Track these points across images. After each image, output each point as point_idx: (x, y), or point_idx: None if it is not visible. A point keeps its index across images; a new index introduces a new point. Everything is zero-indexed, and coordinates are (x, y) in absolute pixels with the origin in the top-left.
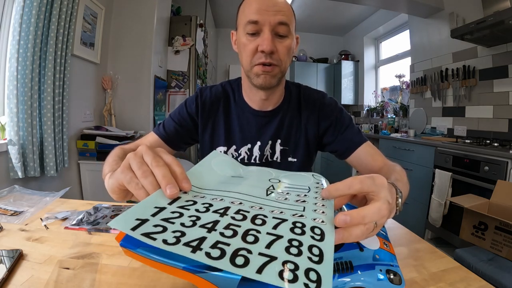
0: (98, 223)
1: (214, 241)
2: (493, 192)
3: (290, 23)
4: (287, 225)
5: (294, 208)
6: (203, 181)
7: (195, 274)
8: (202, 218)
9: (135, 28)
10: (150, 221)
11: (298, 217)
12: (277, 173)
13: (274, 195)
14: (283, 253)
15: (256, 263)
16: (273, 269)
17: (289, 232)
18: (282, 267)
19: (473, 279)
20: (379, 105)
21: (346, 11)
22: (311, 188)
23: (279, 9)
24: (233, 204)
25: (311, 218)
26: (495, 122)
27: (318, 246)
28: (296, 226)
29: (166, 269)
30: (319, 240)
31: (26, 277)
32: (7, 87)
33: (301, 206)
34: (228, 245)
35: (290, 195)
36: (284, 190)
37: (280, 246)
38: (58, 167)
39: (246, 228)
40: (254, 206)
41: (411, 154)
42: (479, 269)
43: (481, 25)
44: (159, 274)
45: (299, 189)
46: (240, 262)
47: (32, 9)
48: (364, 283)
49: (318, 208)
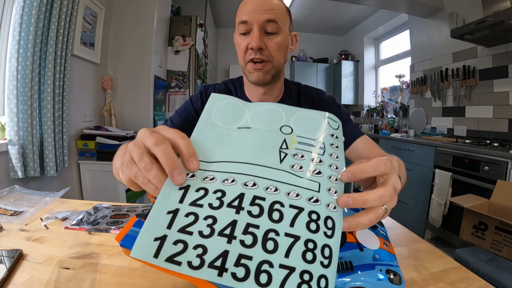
0: (98, 223)
1: (237, 255)
2: (493, 192)
3: (279, 20)
4: (303, 219)
5: (310, 187)
6: (208, 149)
7: None
8: (218, 220)
9: (135, 28)
10: (169, 237)
11: (313, 203)
12: (287, 113)
13: (288, 160)
14: (301, 261)
15: (278, 279)
16: (293, 284)
17: (305, 229)
18: (299, 279)
19: (473, 279)
20: (379, 105)
21: (346, 11)
22: (326, 145)
23: (268, 8)
24: (247, 188)
25: (325, 204)
26: (495, 122)
27: (329, 246)
28: (311, 219)
29: (166, 269)
30: (330, 237)
31: (26, 277)
32: (7, 87)
33: (317, 184)
34: (251, 258)
35: (305, 160)
36: (298, 152)
37: (297, 251)
38: (58, 167)
39: (265, 229)
40: (270, 187)
41: (411, 154)
42: (479, 269)
43: (481, 25)
44: (159, 274)
45: (314, 147)
46: (264, 280)
47: (32, 9)
48: (364, 283)
49: (332, 185)
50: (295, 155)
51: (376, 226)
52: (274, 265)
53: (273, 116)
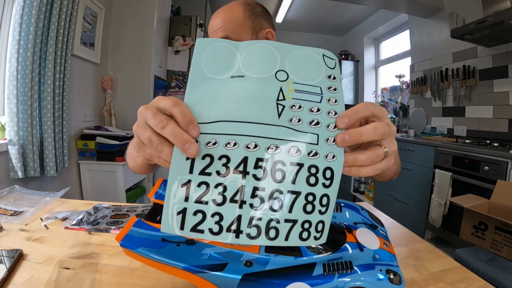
0: (98, 223)
1: (249, 218)
2: (493, 192)
3: (232, 34)
4: (303, 175)
5: (309, 140)
6: (204, 108)
7: (195, 274)
8: (228, 187)
9: (135, 28)
10: (188, 209)
11: (312, 157)
12: (281, 54)
13: (286, 113)
14: (301, 213)
15: (284, 232)
16: (296, 234)
17: (305, 185)
18: (301, 229)
19: (473, 279)
20: (379, 105)
21: (346, 11)
22: (323, 90)
23: (218, 27)
24: (249, 151)
25: (324, 155)
26: (495, 122)
27: (327, 195)
28: (311, 173)
29: (166, 269)
30: (328, 186)
31: (26, 277)
32: (7, 87)
33: (315, 135)
34: (260, 219)
35: (302, 110)
36: (295, 102)
37: (299, 206)
38: (58, 167)
39: (270, 190)
40: (271, 147)
41: (411, 154)
42: (479, 269)
43: (481, 25)
44: (159, 274)
45: (310, 94)
46: (273, 235)
47: (32, 9)
48: (364, 283)
49: (330, 134)
50: (292, 106)
51: (376, 226)
52: (280, 221)
53: (266, 59)
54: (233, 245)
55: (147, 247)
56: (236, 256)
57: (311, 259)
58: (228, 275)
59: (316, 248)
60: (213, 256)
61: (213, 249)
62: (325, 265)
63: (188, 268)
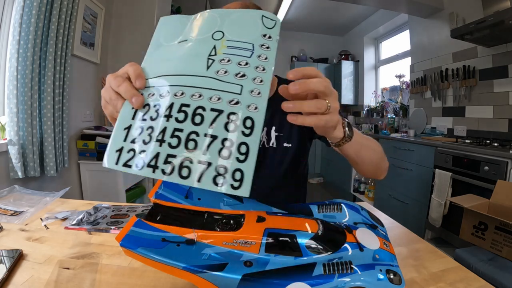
0: (98, 223)
1: (165, 155)
2: (493, 192)
3: None
4: (222, 120)
5: (232, 90)
6: (153, 68)
7: (195, 274)
8: (154, 129)
9: (135, 28)
10: (124, 148)
11: (234, 105)
12: (222, 17)
13: (214, 66)
14: (217, 157)
15: (196, 173)
16: (209, 176)
17: (223, 130)
18: (215, 173)
19: (473, 279)
20: (379, 105)
21: (346, 11)
22: (256, 47)
23: None
24: (176, 98)
25: (246, 105)
26: (495, 122)
27: (246, 143)
28: (230, 120)
29: (166, 269)
30: (248, 135)
31: (26, 277)
32: (7, 87)
33: (239, 86)
34: (175, 156)
35: (231, 64)
36: (225, 56)
37: (214, 149)
38: (58, 167)
39: (188, 131)
40: (195, 95)
41: (411, 154)
42: (479, 269)
43: (481, 25)
44: (159, 274)
45: (242, 50)
46: (185, 174)
47: (32, 9)
48: (364, 283)
49: (255, 87)
50: (222, 60)
51: (376, 226)
52: (193, 161)
53: (208, 24)
54: (233, 245)
55: (147, 247)
56: (236, 256)
57: (311, 259)
58: (228, 275)
59: (316, 248)
60: (213, 256)
61: (213, 249)
62: (325, 265)
63: (188, 268)
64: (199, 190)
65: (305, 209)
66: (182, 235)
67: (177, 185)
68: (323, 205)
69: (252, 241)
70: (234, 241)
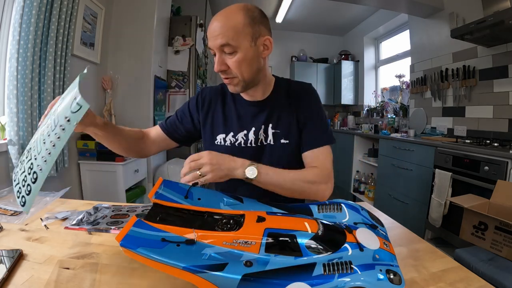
0: (98, 223)
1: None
2: (493, 192)
3: (232, 40)
4: (28, 165)
5: (39, 146)
6: None
7: (195, 274)
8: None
9: (135, 28)
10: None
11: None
12: (70, 94)
13: (43, 128)
14: (21, 183)
15: (21, 192)
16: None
17: (26, 173)
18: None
19: (473, 279)
20: (379, 105)
21: (346, 11)
22: (57, 124)
23: (218, 33)
24: (29, 152)
25: (39, 159)
26: (495, 122)
27: (30, 186)
28: (31, 168)
29: (166, 269)
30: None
31: (26, 277)
32: (7, 87)
33: (40, 146)
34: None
35: (46, 129)
36: (48, 124)
37: (22, 178)
38: (58, 167)
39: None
40: (32, 148)
41: (411, 154)
42: (479, 269)
43: (481, 25)
44: (159, 274)
45: (51, 123)
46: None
47: (32, 9)
48: (364, 283)
49: (44, 154)
50: (47, 126)
51: (376, 226)
52: (21, 187)
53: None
54: (233, 245)
55: (147, 247)
56: (236, 256)
57: (311, 259)
58: (228, 275)
59: (316, 248)
60: (213, 256)
61: (213, 249)
62: (325, 265)
63: (188, 268)
64: (199, 190)
65: (305, 209)
66: (182, 235)
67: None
68: (323, 205)
69: (252, 241)
70: (234, 241)
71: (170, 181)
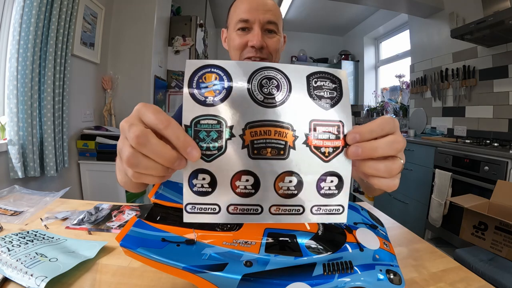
0: (99, 223)
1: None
2: (493, 192)
3: (278, 22)
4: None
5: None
6: None
7: (195, 274)
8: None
9: (135, 28)
10: None
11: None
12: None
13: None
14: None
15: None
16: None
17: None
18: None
19: (473, 279)
20: (379, 105)
21: (346, 11)
22: None
23: (269, 9)
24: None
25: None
26: (495, 122)
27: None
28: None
29: (166, 269)
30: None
31: None
32: (7, 87)
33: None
34: None
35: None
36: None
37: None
38: (58, 167)
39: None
40: None
41: (411, 154)
42: (479, 269)
43: (481, 25)
44: (159, 274)
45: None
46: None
47: (32, 9)
48: (364, 283)
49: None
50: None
51: (376, 226)
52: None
53: None
54: (233, 245)
55: (147, 247)
56: (236, 256)
57: (311, 259)
58: (228, 275)
59: (316, 248)
60: (213, 256)
61: (213, 249)
62: (325, 265)
63: (188, 268)
64: None
65: None
66: (182, 235)
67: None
68: None
69: (252, 241)
70: (234, 241)
71: (170, 181)
